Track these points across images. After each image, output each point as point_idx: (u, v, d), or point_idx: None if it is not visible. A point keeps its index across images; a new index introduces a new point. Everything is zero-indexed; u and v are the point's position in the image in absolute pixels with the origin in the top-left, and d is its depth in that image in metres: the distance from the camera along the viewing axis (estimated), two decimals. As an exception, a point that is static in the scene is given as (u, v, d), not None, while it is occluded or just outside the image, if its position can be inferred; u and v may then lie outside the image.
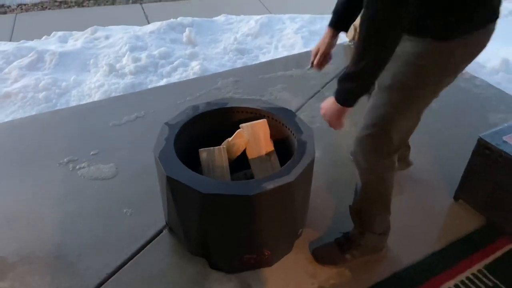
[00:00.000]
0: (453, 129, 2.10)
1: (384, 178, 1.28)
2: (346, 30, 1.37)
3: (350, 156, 1.30)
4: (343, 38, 2.84)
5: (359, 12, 1.07)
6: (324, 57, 1.39)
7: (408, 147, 1.75)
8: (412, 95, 1.15)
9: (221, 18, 3.74)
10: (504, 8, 4.03)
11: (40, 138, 2.05)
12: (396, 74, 1.12)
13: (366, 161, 1.24)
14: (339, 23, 1.34)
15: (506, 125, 1.51)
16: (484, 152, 1.48)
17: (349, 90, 1.07)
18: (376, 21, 0.93)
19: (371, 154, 1.23)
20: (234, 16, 3.77)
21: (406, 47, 1.08)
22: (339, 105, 1.09)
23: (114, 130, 2.06)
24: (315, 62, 1.41)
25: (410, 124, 1.21)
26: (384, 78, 1.15)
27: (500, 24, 3.22)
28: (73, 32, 3.45)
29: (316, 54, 1.40)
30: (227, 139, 1.42)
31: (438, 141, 2.01)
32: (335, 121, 1.14)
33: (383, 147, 1.22)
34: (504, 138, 1.44)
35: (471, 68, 2.74)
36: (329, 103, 1.14)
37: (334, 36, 1.36)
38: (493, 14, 1.10)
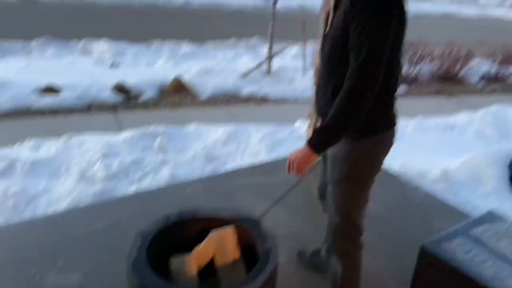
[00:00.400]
0: (396, 238, 2.25)
1: (357, 258, 1.63)
2: None
3: (322, 253, 1.69)
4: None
5: None
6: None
7: None
8: (358, 183, 1.53)
9: (191, 127, 4.02)
10: (441, 123, 4.62)
11: (7, 247, 2.03)
12: (341, 169, 1.51)
13: (342, 248, 1.60)
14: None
15: (446, 232, 1.69)
16: (427, 260, 1.62)
17: (324, 139, 1.40)
18: (368, 81, 1.31)
19: (345, 242, 1.60)
20: (203, 126, 4.07)
21: (341, 147, 1.47)
22: (310, 151, 1.39)
23: (83, 239, 2.09)
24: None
25: (365, 205, 1.56)
26: (333, 175, 1.55)
27: (440, 138, 3.74)
28: (47, 140, 3.58)
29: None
30: (196, 247, 1.51)
31: (383, 251, 2.13)
32: (302, 166, 1.43)
33: (352, 233, 1.59)
34: (444, 245, 1.61)
35: (413, 178, 3.05)
36: (299, 151, 1.43)
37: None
38: (395, 118, 1.53)
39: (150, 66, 6.70)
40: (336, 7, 1.47)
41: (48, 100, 4.68)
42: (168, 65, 6.68)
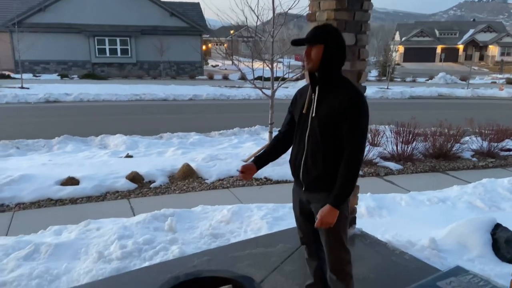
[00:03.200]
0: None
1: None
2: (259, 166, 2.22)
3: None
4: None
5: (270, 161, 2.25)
6: (248, 170, 2.16)
7: None
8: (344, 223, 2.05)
9: (198, 208, 4.37)
10: (434, 197, 4.91)
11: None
12: None
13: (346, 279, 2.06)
14: (258, 161, 2.22)
15: (415, 285, 1.95)
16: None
17: (347, 196, 1.93)
18: (362, 153, 1.92)
19: (348, 272, 2.07)
20: (209, 206, 4.43)
21: (323, 201, 1.94)
22: (336, 209, 1.91)
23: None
24: (241, 170, 2.15)
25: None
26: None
27: (432, 210, 4.17)
28: (68, 226, 3.94)
29: (243, 170, 2.16)
30: (200, 302, 1.80)
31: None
32: (332, 221, 1.91)
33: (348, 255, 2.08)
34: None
35: (402, 245, 3.30)
36: (328, 212, 1.91)
37: (253, 167, 2.19)
38: None
39: (161, 155, 7.26)
40: (319, 99, 1.99)
41: (69, 191, 5.12)
42: (177, 154, 7.23)
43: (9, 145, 7.63)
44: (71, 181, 5.39)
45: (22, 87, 16.96)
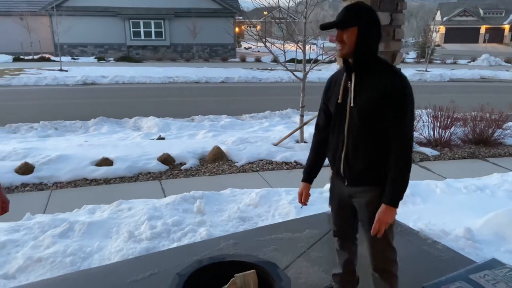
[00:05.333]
0: (409, 283, 2.37)
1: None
2: (312, 181, 2.14)
3: None
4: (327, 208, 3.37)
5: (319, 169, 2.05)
6: (306, 197, 2.13)
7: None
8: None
9: (227, 191, 4.39)
10: (471, 185, 4.69)
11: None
12: (372, 215, 1.83)
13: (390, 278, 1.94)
14: (309, 178, 2.12)
15: (447, 276, 1.87)
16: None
17: (403, 191, 1.78)
18: (412, 142, 1.76)
19: (393, 272, 1.95)
20: (238, 189, 4.43)
21: (372, 195, 1.83)
22: (394, 208, 1.77)
23: (132, 285, 2.41)
24: (303, 201, 2.13)
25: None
26: (366, 222, 1.89)
27: (469, 199, 3.98)
28: (101, 205, 4.07)
29: (301, 196, 2.13)
30: (223, 287, 1.79)
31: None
32: (391, 221, 1.78)
33: (396, 266, 1.96)
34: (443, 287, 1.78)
35: (435, 234, 3.17)
36: (385, 212, 1.77)
37: (308, 186, 2.12)
38: None
39: (192, 137, 7.34)
40: (356, 87, 1.82)
41: (103, 171, 5.28)
42: (208, 136, 7.28)
43: (48, 126, 7.94)
44: (106, 161, 5.54)
45: (61, 70, 17.56)
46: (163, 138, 7.17)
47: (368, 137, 1.81)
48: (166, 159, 5.72)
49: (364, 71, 1.81)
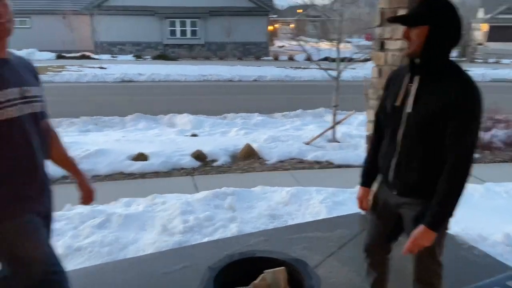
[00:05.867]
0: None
1: None
2: (371, 185, 2.01)
3: None
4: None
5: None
6: (367, 202, 2.03)
7: None
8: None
9: (257, 188, 4.43)
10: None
11: (102, 285, 2.49)
12: None
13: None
14: (369, 182, 1.99)
15: (483, 282, 1.80)
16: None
17: (448, 216, 1.61)
18: (471, 162, 1.55)
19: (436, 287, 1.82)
20: (269, 187, 4.46)
21: (418, 209, 1.68)
22: (434, 231, 1.59)
23: (165, 276, 2.49)
24: (363, 207, 2.03)
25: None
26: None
27: (507, 203, 3.84)
28: (136, 199, 4.20)
29: (361, 202, 2.03)
30: (253, 282, 1.82)
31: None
32: (427, 244, 1.62)
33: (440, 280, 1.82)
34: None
35: (472, 239, 3.06)
36: (423, 235, 1.60)
37: (367, 191, 2.00)
38: None
39: (225, 135, 7.42)
40: (419, 91, 1.62)
41: (138, 166, 5.45)
42: (240, 134, 7.35)
43: (88, 121, 8.27)
44: (141, 156, 5.71)
45: (101, 67, 18.21)
46: (196, 135, 7.31)
47: (425, 149, 1.62)
48: (198, 156, 5.83)
49: (431, 75, 1.59)
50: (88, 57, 23.19)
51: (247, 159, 5.92)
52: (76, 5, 23.75)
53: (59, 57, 22.82)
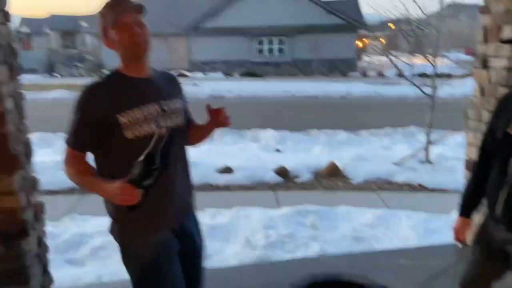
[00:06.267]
0: None
1: None
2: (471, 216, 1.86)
3: None
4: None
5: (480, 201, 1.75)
6: (465, 234, 1.86)
7: None
8: None
9: (341, 208, 4.31)
10: None
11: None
12: None
13: None
14: (469, 212, 1.85)
15: None
16: None
17: None
18: None
19: None
20: (353, 208, 4.31)
21: None
22: None
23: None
24: (461, 238, 1.88)
25: None
26: None
27: None
28: (222, 210, 4.36)
29: (458, 233, 1.88)
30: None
31: None
32: None
33: None
34: None
35: None
36: None
37: (467, 222, 1.85)
38: None
39: (308, 152, 7.39)
40: None
41: (225, 178, 5.67)
42: (324, 151, 7.25)
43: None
44: (227, 169, 5.94)
45: (194, 84, 19.46)
46: (279, 151, 7.38)
47: None
48: (281, 171, 5.87)
49: None
50: (183, 75, 24.96)
51: (331, 177, 5.81)
52: (176, 28, 25.83)
53: (158, 74, 24.86)
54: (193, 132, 1.87)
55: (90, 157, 1.67)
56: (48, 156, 6.56)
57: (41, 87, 17.45)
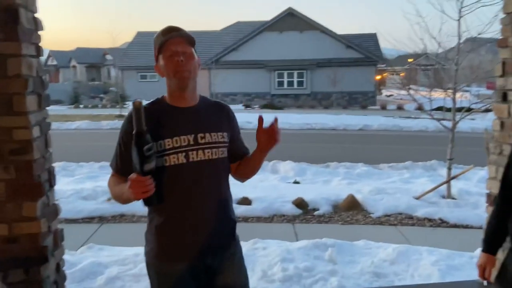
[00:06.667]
0: None
1: None
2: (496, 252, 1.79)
3: None
4: None
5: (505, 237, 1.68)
6: (490, 272, 1.79)
7: None
8: None
9: (360, 242, 4.20)
10: None
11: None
12: None
13: None
14: (493, 248, 1.79)
15: None
16: None
17: None
18: None
19: None
20: (373, 242, 4.20)
21: None
22: None
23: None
24: (486, 276, 1.80)
25: None
26: None
27: None
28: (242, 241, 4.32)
29: (483, 270, 1.80)
30: None
31: None
32: None
33: None
34: None
35: None
36: None
37: (491, 259, 1.79)
38: None
39: (327, 184, 7.32)
40: None
41: (243, 209, 5.64)
42: (343, 184, 7.17)
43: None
44: (245, 201, 5.92)
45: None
46: (298, 182, 7.34)
47: None
48: (300, 203, 5.82)
49: None
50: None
51: (350, 210, 5.71)
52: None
53: (179, 106, 25.41)
54: (245, 164, 1.81)
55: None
56: (68, 185, 6.71)
57: (66, 118, 18.06)
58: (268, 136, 1.65)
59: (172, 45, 1.57)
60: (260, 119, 1.63)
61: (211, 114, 1.69)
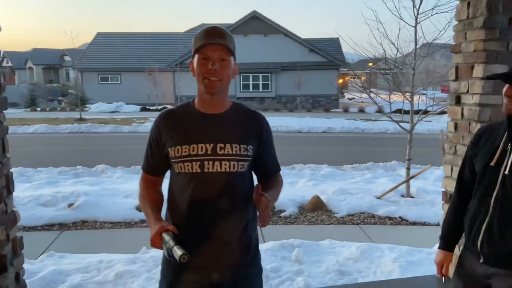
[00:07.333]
0: None
1: None
2: (453, 249, 1.86)
3: None
4: None
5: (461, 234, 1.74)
6: (448, 268, 1.84)
7: None
8: None
9: (326, 242, 4.31)
10: None
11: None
12: None
13: None
14: (450, 245, 1.84)
15: None
16: None
17: None
18: None
19: None
20: (337, 241, 4.32)
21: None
22: None
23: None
24: (443, 272, 1.84)
25: None
26: None
27: None
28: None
29: (441, 267, 1.84)
30: None
31: None
32: None
33: None
34: None
35: None
36: None
37: (448, 255, 1.84)
38: None
39: (293, 185, 7.42)
40: None
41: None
42: (308, 185, 7.30)
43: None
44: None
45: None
46: (264, 185, 7.39)
47: None
48: (267, 205, 5.87)
49: None
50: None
51: (315, 211, 5.83)
52: (161, 63, 26.23)
53: (143, 109, 24.96)
54: (265, 187, 1.61)
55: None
56: (26, 191, 6.42)
57: (22, 121, 17.25)
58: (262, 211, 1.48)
59: (210, 50, 1.49)
60: (258, 187, 1.47)
61: (239, 123, 1.59)
